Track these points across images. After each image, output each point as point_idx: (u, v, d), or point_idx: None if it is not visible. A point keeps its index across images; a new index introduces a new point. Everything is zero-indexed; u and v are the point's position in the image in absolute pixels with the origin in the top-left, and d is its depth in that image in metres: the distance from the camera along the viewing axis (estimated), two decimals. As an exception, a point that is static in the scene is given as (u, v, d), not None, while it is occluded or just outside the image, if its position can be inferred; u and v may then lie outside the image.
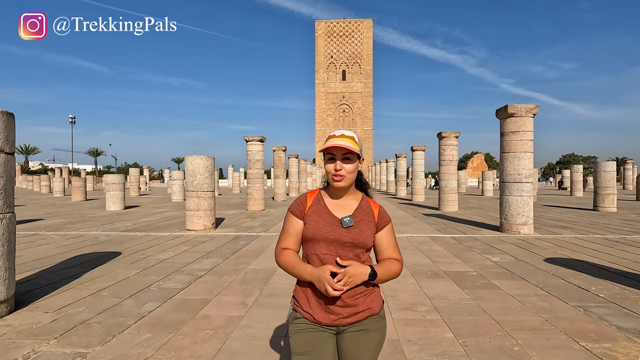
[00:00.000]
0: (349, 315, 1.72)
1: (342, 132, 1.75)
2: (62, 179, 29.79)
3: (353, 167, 1.74)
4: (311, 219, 1.78)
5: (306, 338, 1.74)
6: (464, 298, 4.63)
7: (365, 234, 1.76)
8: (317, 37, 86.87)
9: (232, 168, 45.63)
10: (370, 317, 1.75)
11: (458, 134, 17.41)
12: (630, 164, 40.72)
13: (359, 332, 1.74)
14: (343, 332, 1.75)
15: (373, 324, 1.76)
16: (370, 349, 1.76)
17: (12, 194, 4.16)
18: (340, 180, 1.73)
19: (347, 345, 1.75)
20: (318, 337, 1.73)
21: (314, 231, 1.75)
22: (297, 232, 1.82)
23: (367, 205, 1.84)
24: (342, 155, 1.72)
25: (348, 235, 1.73)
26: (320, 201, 1.83)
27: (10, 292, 4.08)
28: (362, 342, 1.74)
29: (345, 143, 1.70)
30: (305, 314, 1.76)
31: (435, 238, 9.17)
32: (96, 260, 6.66)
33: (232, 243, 8.46)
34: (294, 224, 1.83)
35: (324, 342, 1.73)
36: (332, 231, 1.74)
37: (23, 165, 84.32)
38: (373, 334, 1.76)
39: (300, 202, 1.85)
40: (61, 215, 14.90)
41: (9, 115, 4.12)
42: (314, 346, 1.72)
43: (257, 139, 17.05)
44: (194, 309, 4.23)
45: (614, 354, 3.16)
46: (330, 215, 1.78)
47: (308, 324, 1.74)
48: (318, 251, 1.75)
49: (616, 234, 9.62)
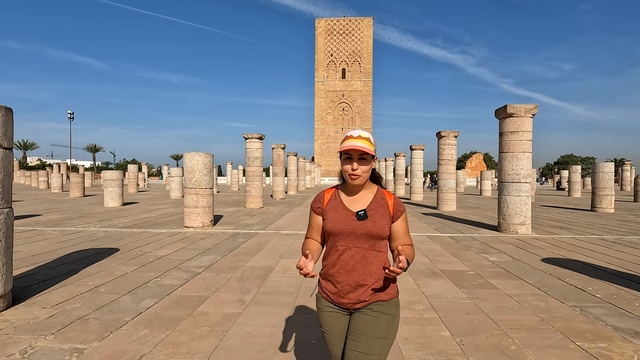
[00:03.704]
0: (357, 302, 1.90)
1: (359, 134, 1.89)
2: (60, 175, 29.69)
3: (368, 167, 1.89)
4: (329, 214, 1.96)
5: (325, 318, 1.99)
6: (461, 297, 4.65)
7: (379, 225, 1.89)
8: (317, 35, 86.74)
9: (231, 165, 45.56)
10: (379, 302, 1.89)
11: (457, 134, 17.42)
12: (629, 165, 40.84)
13: (366, 312, 1.90)
14: (355, 312, 1.93)
15: (379, 307, 1.89)
16: (377, 330, 1.86)
17: (9, 189, 4.15)
18: (356, 179, 1.88)
19: (357, 323, 1.90)
20: (334, 316, 1.96)
21: (332, 225, 1.92)
22: (317, 226, 2.04)
23: (381, 197, 1.97)
24: (358, 156, 1.86)
25: (362, 227, 1.88)
26: (336, 197, 2.00)
27: (7, 288, 4.07)
28: (370, 322, 1.87)
29: (361, 144, 1.84)
30: (323, 294, 1.99)
31: (433, 237, 9.18)
32: (94, 257, 6.65)
33: (230, 240, 8.46)
34: (315, 219, 2.05)
35: (338, 321, 1.96)
36: (347, 225, 1.89)
37: (21, 161, 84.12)
38: (378, 315, 1.88)
39: (319, 199, 2.04)
40: (59, 211, 14.88)
41: (7, 110, 4.11)
42: (330, 326, 1.97)
43: (256, 137, 17.03)
44: (192, 306, 4.23)
45: (609, 354, 3.18)
46: (346, 210, 1.93)
47: (326, 305, 1.98)
48: (337, 243, 1.92)
49: (613, 235, 9.65)
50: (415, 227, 10.99)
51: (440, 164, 17.40)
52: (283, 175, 23.60)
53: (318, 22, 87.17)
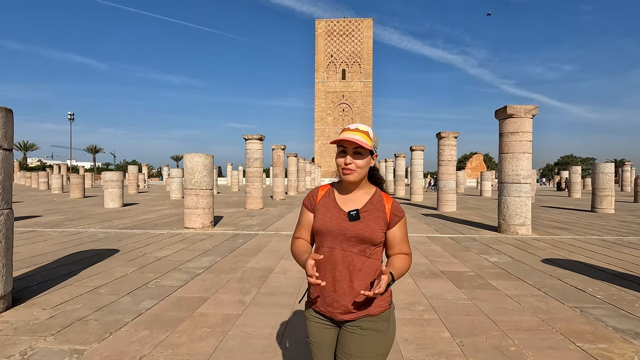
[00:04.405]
0: (344, 312, 1.74)
1: (356, 126, 1.74)
2: (60, 176, 29.69)
3: (364, 162, 1.73)
4: (319, 212, 1.81)
5: (312, 328, 1.85)
6: (461, 298, 4.64)
7: (371, 228, 1.73)
8: (317, 35, 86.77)
9: (231, 166, 45.58)
10: (368, 317, 1.73)
11: (457, 134, 17.43)
12: (629, 165, 40.80)
13: (354, 329, 1.75)
14: (343, 327, 1.78)
15: (368, 324, 1.73)
16: (366, 348, 1.72)
17: (10, 190, 4.15)
18: (349, 174, 1.72)
19: (345, 339, 1.77)
20: (321, 327, 1.82)
21: (320, 224, 1.78)
22: (308, 224, 1.88)
23: (379, 199, 1.81)
24: (353, 149, 1.71)
25: (353, 229, 1.72)
26: (330, 195, 1.85)
27: (7, 289, 4.07)
28: (357, 340, 1.73)
29: (357, 137, 1.68)
30: (312, 304, 1.84)
31: (433, 238, 9.18)
32: (94, 258, 6.65)
33: (230, 241, 8.46)
34: (305, 216, 1.90)
35: (324, 333, 1.82)
36: (336, 225, 1.74)
37: (21, 162, 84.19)
38: (366, 333, 1.73)
39: (312, 195, 1.90)
40: (59, 212, 14.88)
41: (7, 111, 4.11)
42: (316, 337, 1.84)
43: (256, 138, 17.03)
44: (192, 307, 4.23)
45: (609, 355, 3.18)
46: (337, 208, 1.78)
47: (314, 315, 1.84)
48: (325, 244, 1.77)
49: (613, 236, 9.65)
50: (416, 228, 10.98)
51: (440, 165, 17.40)
52: (283, 176, 23.62)
53: (318, 23, 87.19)
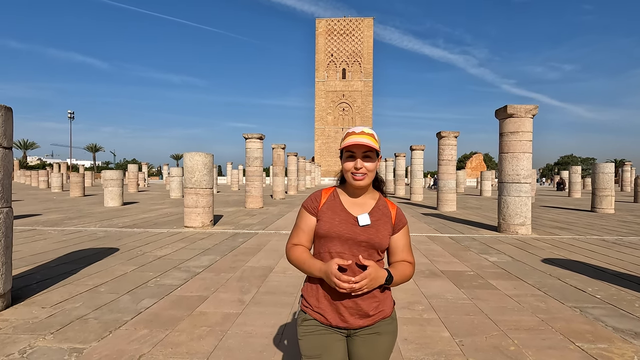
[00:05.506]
0: (361, 318, 1.67)
1: (361, 129, 1.69)
2: (60, 175, 29.67)
3: (373, 165, 1.69)
4: (326, 215, 1.72)
5: (317, 341, 1.68)
6: (461, 297, 4.64)
7: (381, 234, 1.70)
8: (318, 35, 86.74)
9: (231, 165, 45.56)
10: (383, 319, 1.71)
11: (457, 134, 17.42)
12: (629, 165, 40.78)
13: (371, 335, 1.69)
14: (354, 335, 1.70)
15: (385, 327, 1.71)
16: (382, 352, 1.71)
17: (9, 188, 4.15)
18: (361, 179, 1.67)
19: (359, 349, 1.70)
20: (329, 339, 1.68)
21: (328, 228, 1.69)
22: (309, 229, 1.76)
23: (384, 205, 1.78)
24: (362, 153, 1.67)
25: (364, 234, 1.67)
26: (335, 198, 1.77)
27: (7, 287, 4.07)
28: (374, 346, 1.69)
29: (366, 140, 1.65)
30: (315, 315, 1.70)
31: (433, 237, 9.18)
32: (94, 256, 6.65)
33: (230, 240, 8.45)
34: (307, 220, 1.77)
35: (334, 345, 1.68)
36: (347, 229, 1.68)
37: (21, 160, 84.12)
38: (385, 337, 1.71)
39: (315, 198, 1.78)
40: (59, 210, 14.87)
41: (7, 110, 4.11)
42: (325, 349, 1.67)
43: (256, 137, 17.02)
44: (191, 306, 4.23)
45: (609, 355, 3.17)
46: (345, 212, 1.72)
47: (318, 326, 1.69)
48: (332, 249, 1.68)
49: (613, 236, 9.65)
50: (416, 227, 10.98)
51: (440, 165, 17.40)
52: (283, 175, 23.61)
53: (318, 22, 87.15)
